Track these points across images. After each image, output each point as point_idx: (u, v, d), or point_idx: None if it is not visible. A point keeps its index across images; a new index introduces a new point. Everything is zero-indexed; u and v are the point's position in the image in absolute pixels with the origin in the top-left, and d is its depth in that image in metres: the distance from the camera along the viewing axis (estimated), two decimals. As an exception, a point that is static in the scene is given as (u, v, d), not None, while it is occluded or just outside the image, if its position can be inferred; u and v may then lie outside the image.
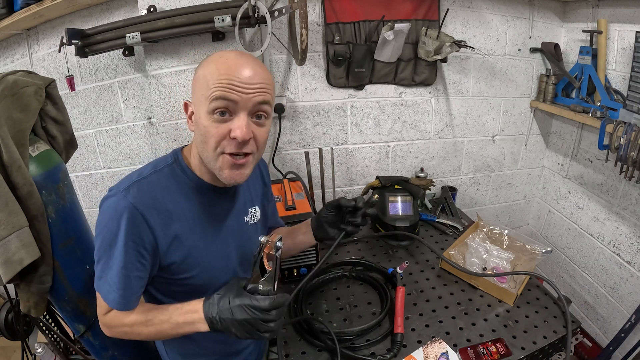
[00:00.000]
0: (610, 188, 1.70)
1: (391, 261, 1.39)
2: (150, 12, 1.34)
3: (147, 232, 0.70)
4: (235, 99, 0.66)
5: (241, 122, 0.67)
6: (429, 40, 1.56)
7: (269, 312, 0.66)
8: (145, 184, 0.72)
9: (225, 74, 0.66)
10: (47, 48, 1.60)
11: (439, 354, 0.95)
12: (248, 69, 0.67)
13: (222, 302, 0.68)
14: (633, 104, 1.39)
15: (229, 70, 0.66)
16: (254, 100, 0.68)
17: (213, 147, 0.69)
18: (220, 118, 0.67)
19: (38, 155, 0.98)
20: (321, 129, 1.73)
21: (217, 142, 0.68)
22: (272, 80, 0.72)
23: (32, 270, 0.97)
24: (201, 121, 0.69)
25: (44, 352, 1.32)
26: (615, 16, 1.54)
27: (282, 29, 1.53)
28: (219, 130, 0.67)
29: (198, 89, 0.69)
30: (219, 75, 0.66)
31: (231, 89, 0.66)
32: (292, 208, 1.36)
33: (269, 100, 0.70)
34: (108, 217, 0.69)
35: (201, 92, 0.68)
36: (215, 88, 0.65)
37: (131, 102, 1.67)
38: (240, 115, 0.68)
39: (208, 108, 0.67)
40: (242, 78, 0.66)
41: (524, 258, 1.29)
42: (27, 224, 0.92)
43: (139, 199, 0.69)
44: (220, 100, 0.66)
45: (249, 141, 0.69)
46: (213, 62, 0.68)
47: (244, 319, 0.66)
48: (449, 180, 2.00)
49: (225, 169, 0.71)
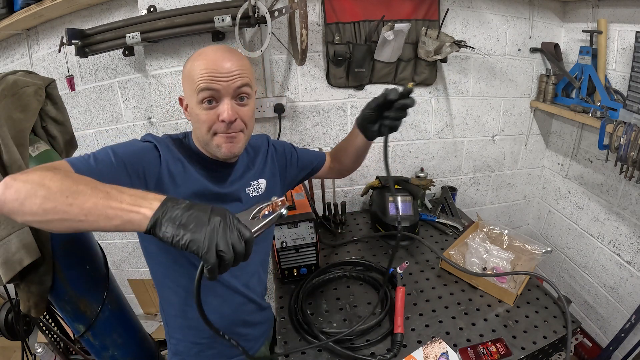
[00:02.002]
0: (610, 188, 1.70)
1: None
2: (150, 12, 1.34)
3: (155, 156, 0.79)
4: (217, 88, 0.77)
5: (225, 106, 0.79)
6: (429, 40, 1.57)
7: (243, 240, 0.54)
8: (163, 139, 0.85)
9: (205, 67, 0.77)
10: (47, 48, 1.60)
11: (439, 354, 0.95)
12: (225, 60, 0.78)
13: (198, 205, 0.55)
14: (633, 104, 1.39)
15: (208, 64, 0.77)
16: (234, 86, 0.79)
17: (206, 131, 0.81)
18: (208, 106, 0.79)
19: (38, 155, 0.98)
20: (321, 129, 1.73)
21: (209, 126, 0.80)
22: (248, 64, 0.83)
23: (32, 270, 0.98)
24: (194, 111, 0.81)
25: (44, 352, 1.32)
26: (615, 16, 1.54)
27: (282, 29, 1.53)
28: (209, 116, 0.79)
29: (187, 84, 0.81)
30: (200, 70, 0.77)
31: (213, 80, 0.76)
32: (292, 208, 1.36)
33: (247, 82, 0.80)
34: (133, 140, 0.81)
35: (189, 87, 0.80)
36: (200, 81, 0.76)
37: (131, 102, 1.67)
38: (225, 101, 0.79)
39: (197, 99, 0.78)
40: (220, 69, 0.77)
41: (524, 258, 1.29)
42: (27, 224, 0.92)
43: (156, 139, 0.82)
44: (205, 92, 0.77)
45: (236, 121, 0.80)
46: (195, 60, 0.80)
47: (218, 221, 0.52)
48: (449, 180, 2.00)
49: (222, 144, 0.82)
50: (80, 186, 0.54)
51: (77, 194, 0.53)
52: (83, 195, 0.53)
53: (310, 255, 1.27)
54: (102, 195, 0.53)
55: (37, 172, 0.55)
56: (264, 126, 1.67)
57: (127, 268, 2.07)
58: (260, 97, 1.61)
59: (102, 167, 0.68)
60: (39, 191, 0.52)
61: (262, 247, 1.04)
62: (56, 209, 0.52)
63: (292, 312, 1.12)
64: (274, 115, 1.61)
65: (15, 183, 0.53)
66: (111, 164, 0.70)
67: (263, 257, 1.05)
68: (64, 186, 0.53)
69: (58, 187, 0.53)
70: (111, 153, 0.71)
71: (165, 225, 0.52)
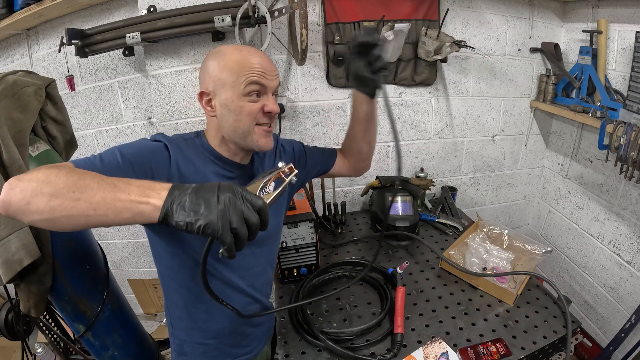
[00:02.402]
0: (610, 188, 1.70)
1: (391, 261, 1.39)
2: (150, 12, 1.34)
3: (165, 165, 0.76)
4: (266, 84, 0.82)
5: (272, 100, 0.84)
6: (429, 40, 1.56)
7: (256, 210, 0.54)
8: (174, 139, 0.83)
9: (257, 63, 0.81)
10: (47, 48, 1.60)
11: (439, 354, 0.95)
12: (266, 60, 0.84)
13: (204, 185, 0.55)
14: (633, 104, 1.39)
15: (257, 60, 0.81)
16: (275, 84, 0.85)
17: (250, 122, 0.82)
18: (255, 98, 0.82)
19: (38, 155, 0.98)
20: (321, 129, 1.73)
21: (254, 117, 0.82)
22: None
23: (32, 270, 0.97)
24: (235, 102, 0.81)
25: (44, 352, 1.32)
26: (615, 16, 1.54)
27: (282, 29, 1.53)
28: (255, 107, 0.82)
29: (226, 77, 0.80)
30: (250, 64, 0.80)
31: (263, 76, 0.81)
32: (292, 208, 1.36)
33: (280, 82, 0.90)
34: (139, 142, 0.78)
35: (231, 79, 0.80)
36: (250, 74, 0.79)
37: (131, 102, 1.67)
38: (269, 95, 0.84)
39: (242, 91, 0.80)
40: (267, 67, 0.82)
41: (524, 258, 1.29)
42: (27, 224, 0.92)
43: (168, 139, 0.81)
44: (255, 85, 0.80)
45: (275, 115, 0.86)
46: (236, 54, 0.81)
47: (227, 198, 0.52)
48: (449, 180, 2.00)
49: (262, 138, 0.85)
50: (86, 180, 0.53)
51: (84, 189, 0.51)
52: (90, 189, 0.52)
53: (310, 255, 1.27)
54: (109, 188, 0.52)
55: (41, 170, 0.54)
56: (264, 126, 1.67)
57: (127, 268, 2.07)
58: (260, 97, 1.61)
59: (109, 167, 0.66)
60: (45, 188, 0.51)
61: (270, 249, 1.03)
62: (63, 205, 0.51)
63: (292, 312, 1.12)
64: (274, 115, 1.61)
65: (20, 183, 0.52)
66: (117, 165, 0.68)
67: (271, 257, 1.04)
68: (70, 181, 0.52)
69: (64, 182, 0.52)
70: (118, 153, 0.69)
71: (177, 214, 0.51)
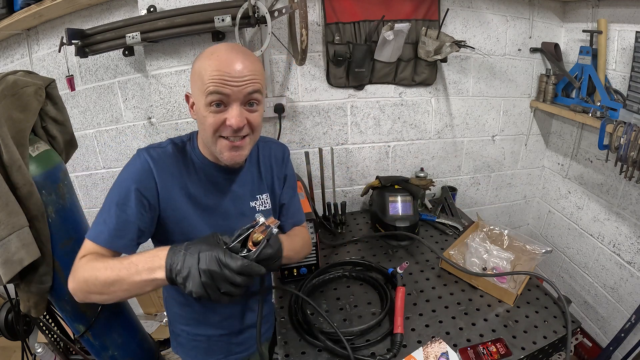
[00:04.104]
0: (610, 188, 1.70)
1: (391, 261, 1.39)
2: (150, 12, 1.34)
3: (151, 185, 0.80)
4: (227, 93, 0.74)
5: (234, 112, 0.76)
6: (429, 40, 1.56)
7: (237, 273, 0.62)
8: (160, 150, 0.84)
9: (216, 69, 0.73)
10: (47, 48, 1.60)
11: (439, 354, 0.95)
12: (238, 63, 0.74)
13: (191, 249, 0.65)
14: (633, 104, 1.39)
15: (220, 66, 0.73)
16: (245, 92, 0.75)
17: (211, 133, 0.78)
18: (217, 109, 0.76)
19: (38, 155, 0.98)
20: (321, 129, 1.73)
21: (215, 129, 0.77)
22: (261, 68, 0.80)
23: (32, 270, 0.97)
24: (200, 112, 0.78)
25: (44, 352, 1.32)
26: (615, 16, 1.54)
27: (282, 29, 1.53)
28: (216, 120, 0.76)
29: (195, 83, 0.78)
30: (211, 71, 0.73)
31: (223, 84, 0.73)
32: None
33: (259, 89, 0.78)
34: (126, 167, 0.82)
35: (197, 86, 0.77)
36: (210, 83, 0.73)
37: (131, 102, 1.67)
38: (233, 106, 0.76)
39: (205, 101, 0.75)
40: (232, 73, 0.73)
41: (524, 258, 1.29)
42: (27, 224, 0.92)
43: (153, 158, 0.81)
44: (214, 95, 0.74)
45: (243, 127, 0.78)
46: (206, 58, 0.76)
47: (208, 269, 0.61)
48: (449, 180, 2.00)
49: (225, 151, 0.80)
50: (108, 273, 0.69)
51: (113, 283, 0.69)
52: (116, 283, 0.69)
53: (310, 255, 1.27)
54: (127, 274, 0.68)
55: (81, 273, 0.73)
56: (264, 126, 1.67)
57: (127, 268, 2.07)
58: (260, 97, 1.61)
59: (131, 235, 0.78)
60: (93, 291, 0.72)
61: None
62: (108, 297, 0.72)
63: (292, 312, 1.12)
64: (274, 115, 1.61)
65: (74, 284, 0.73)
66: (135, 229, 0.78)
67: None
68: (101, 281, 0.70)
69: (101, 284, 0.70)
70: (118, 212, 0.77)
71: (178, 280, 0.64)
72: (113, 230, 0.76)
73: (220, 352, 1.04)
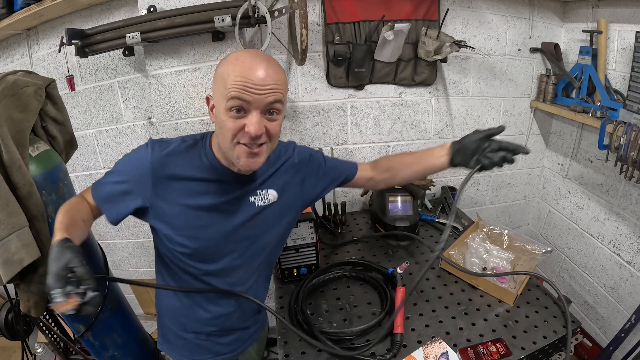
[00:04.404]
0: (610, 188, 1.70)
1: (391, 261, 1.39)
2: (150, 12, 1.34)
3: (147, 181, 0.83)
4: (248, 100, 0.74)
5: (254, 119, 0.75)
6: (429, 40, 1.56)
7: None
8: (167, 147, 0.85)
9: (240, 75, 0.73)
10: (47, 48, 1.60)
11: (439, 354, 0.95)
12: (261, 71, 0.74)
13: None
14: (633, 104, 1.39)
15: (244, 72, 0.73)
16: (266, 101, 0.75)
17: (230, 139, 0.78)
18: (236, 115, 0.76)
19: (38, 155, 0.98)
20: (321, 129, 1.73)
21: (234, 134, 0.77)
22: (284, 78, 0.80)
23: (32, 270, 0.97)
24: (220, 116, 0.78)
25: (44, 352, 1.32)
26: (615, 16, 1.54)
27: (282, 29, 1.53)
28: (235, 125, 0.76)
29: (217, 87, 0.78)
30: (234, 76, 0.73)
31: (245, 91, 0.73)
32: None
33: (280, 99, 0.78)
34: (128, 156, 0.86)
35: (220, 91, 0.77)
36: (232, 88, 0.73)
37: (131, 102, 1.67)
38: (253, 113, 0.76)
39: (225, 105, 0.75)
40: (255, 80, 0.73)
41: (524, 258, 1.29)
42: (27, 224, 0.92)
43: (157, 157, 0.83)
44: (235, 100, 0.74)
45: (262, 135, 0.77)
46: (230, 63, 0.76)
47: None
48: (449, 180, 1.99)
49: (242, 157, 0.79)
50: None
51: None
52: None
53: (310, 255, 1.27)
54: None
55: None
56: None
57: (127, 268, 2.07)
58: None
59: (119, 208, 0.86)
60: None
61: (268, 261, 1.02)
62: None
63: (292, 312, 1.12)
64: (274, 115, 1.61)
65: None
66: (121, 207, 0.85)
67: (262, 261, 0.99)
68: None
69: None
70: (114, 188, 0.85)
71: None
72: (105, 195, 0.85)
73: (207, 352, 1.02)
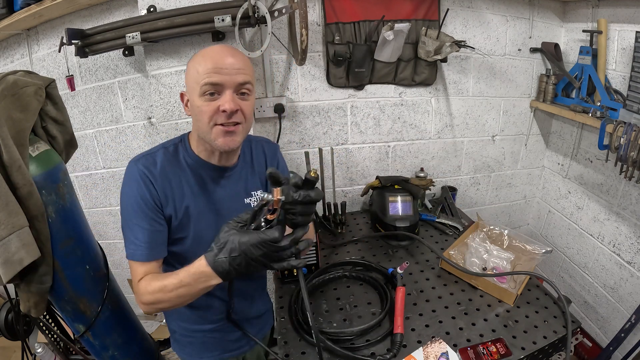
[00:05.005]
0: (610, 188, 1.70)
1: (391, 261, 1.39)
2: (150, 12, 1.34)
3: (153, 191, 0.86)
4: (220, 81, 0.81)
5: (227, 97, 0.82)
6: (429, 40, 1.56)
7: (280, 241, 0.66)
8: (151, 156, 0.90)
9: (210, 63, 0.81)
10: (47, 48, 1.60)
11: (439, 354, 0.95)
12: (229, 56, 0.83)
13: (229, 248, 0.67)
14: (633, 104, 1.39)
15: (214, 59, 0.81)
16: (237, 81, 0.82)
17: (207, 121, 0.83)
18: (210, 97, 0.82)
19: (38, 155, 0.98)
20: (321, 129, 1.73)
21: (210, 116, 0.83)
22: (250, 65, 0.87)
23: (32, 270, 0.97)
24: (195, 103, 0.84)
25: (44, 352, 1.32)
26: (615, 16, 1.54)
27: (282, 29, 1.53)
28: (210, 107, 0.82)
29: (190, 79, 0.85)
30: (205, 64, 0.81)
31: (217, 73, 0.80)
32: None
33: (249, 80, 0.85)
34: (125, 183, 0.88)
35: (193, 81, 0.83)
36: (205, 75, 0.80)
37: (131, 102, 1.67)
38: (227, 92, 0.82)
39: (200, 92, 0.81)
40: (224, 64, 0.81)
41: (524, 258, 1.29)
42: (27, 224, 0.92)
43: (146, 166, 0.88)
44: (209, 85, 0.81)
45: (237, 112, 0.83)
46: (200, 56, 0.84)
47: (260, 254, 0.65)
48: (449, 180, 2.00)
49: (220, 137, 0.84)
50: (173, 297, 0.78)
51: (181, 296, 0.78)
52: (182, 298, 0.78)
53: (310, 255, 1.27)
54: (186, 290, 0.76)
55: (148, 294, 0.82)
56: (264, 126, 1.67)
57: (127, 268, 2.06)
58: (260, 97, 1.61)
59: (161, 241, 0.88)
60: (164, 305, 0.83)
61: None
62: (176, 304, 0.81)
63: (292, 312, 1.12)
64: (274, 115, 1.61)
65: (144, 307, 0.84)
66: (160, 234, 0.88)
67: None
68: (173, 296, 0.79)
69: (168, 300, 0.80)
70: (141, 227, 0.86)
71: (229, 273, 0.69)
72: (146, 244, 0.85)
73: (215, 349, 1.05)
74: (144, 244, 0.85)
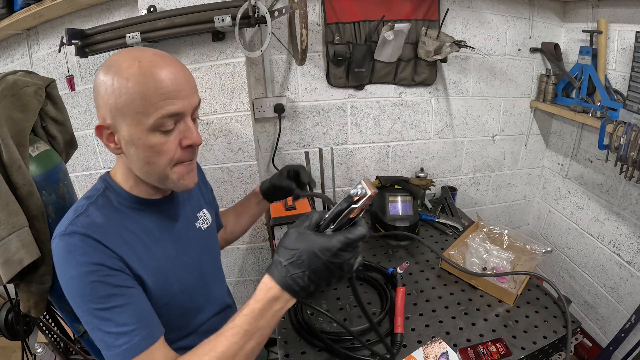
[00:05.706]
0: (610, 188, 1.70)
1: (391, 261, 1.39)
2: (150, 12, 1.34)
3: (107, 251, 0.63)
4: (181, 110, 0.62)
5: (191, 127, 0.65)
6: (429, 40, 1.57)
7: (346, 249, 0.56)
8: (84, 216, 0.66)
9: (166, 79, 0.60)
10: (47, 48, 1.60)
11: (439, 354, 0.95)
12: (179, 71, 0.62)
13: (305, 259, 0.56)
14: (633, 104, 1.39)
15: (167, 78, 0.60)
16: (194, 104, 0.65)
17: (166, 163, 0.65)
18: (168, 132, 0.63)
19: (38, 155, 0.98)
20: (321, 129, 1.73)
21: (170, 156, 0.65)
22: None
23: (32, 270, 0.97)
24: (143, 140, 0.62)
25: (44, 352, 1.32)
26: (615, 16, 1.54)
27: (282, 29, 1.53)
28: (170, 145, 0.64)
29: (124, 106, 0.60)
30: (156, 86, 0.59)
31: (175, 98, 0.61)
32: (292, 208, 1.36)
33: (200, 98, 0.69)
34: (65, 266, 0.62)
35: (133, 110, 0.60)
36: (161, 101, 0.60)
37: (131, 102, 1.67)
38: (186, 121, 0.64)
39: (152, 125, 0.61)
40: (179, 83, 0.61)
41: (524, 258, 1.29)
42: (27, 224, 0.92)
43: (85, 227, 0.63)
44: (167, 118, 0.61)
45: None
46: (135, 69, 0.59)
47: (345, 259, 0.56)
48: (449, 180, 2.00)
49: (185, 177, 0.69)
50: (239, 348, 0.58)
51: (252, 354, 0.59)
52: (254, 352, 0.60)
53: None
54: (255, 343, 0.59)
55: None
56: (264, 126, 1.67)
57: (127, 268, 2.06)
58: (260, 97, 1.61)
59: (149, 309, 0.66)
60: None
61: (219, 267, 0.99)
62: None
63: (292, 312, 1.12)
64: (273, 115, 1.61)
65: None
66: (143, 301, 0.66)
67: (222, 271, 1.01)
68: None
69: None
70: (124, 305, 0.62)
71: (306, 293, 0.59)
72: (139, 322, 0.62)
73: None
74: (136, 323, 0.61)
